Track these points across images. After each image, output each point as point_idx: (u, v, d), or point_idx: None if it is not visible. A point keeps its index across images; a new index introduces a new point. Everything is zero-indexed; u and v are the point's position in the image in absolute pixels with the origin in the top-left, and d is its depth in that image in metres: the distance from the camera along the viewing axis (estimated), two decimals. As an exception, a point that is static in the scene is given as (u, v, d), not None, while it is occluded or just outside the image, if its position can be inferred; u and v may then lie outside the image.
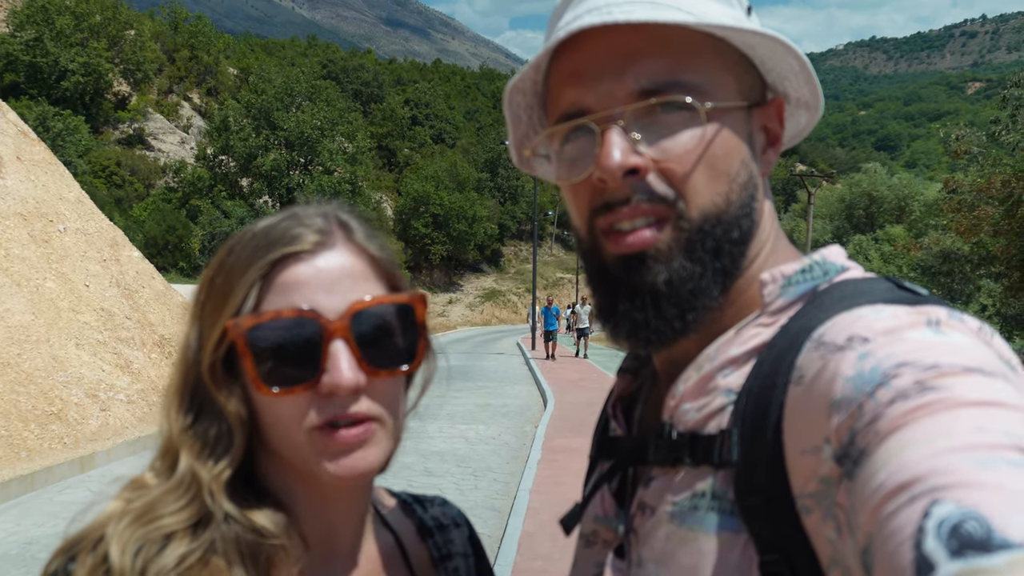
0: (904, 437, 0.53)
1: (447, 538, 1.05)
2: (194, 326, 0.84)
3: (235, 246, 0.83)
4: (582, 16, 0.76)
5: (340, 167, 61.91)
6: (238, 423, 0.81)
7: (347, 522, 0.91)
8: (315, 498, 0.87)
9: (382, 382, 0.82)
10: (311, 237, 0.81)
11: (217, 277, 0.83)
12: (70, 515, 5.40)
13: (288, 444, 0.81)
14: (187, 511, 0.79)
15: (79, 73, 59.37)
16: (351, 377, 0.77)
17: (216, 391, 0.81)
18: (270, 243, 0.81)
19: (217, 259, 0.84)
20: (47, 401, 10.19)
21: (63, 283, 12.12)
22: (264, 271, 0.79)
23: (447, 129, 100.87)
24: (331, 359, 0.78)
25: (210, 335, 0.81)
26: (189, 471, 0.80)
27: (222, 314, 0.80)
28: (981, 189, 19.66)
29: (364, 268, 0.84)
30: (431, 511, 1.07)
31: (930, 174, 63.48)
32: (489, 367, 23.84)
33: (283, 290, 0.79)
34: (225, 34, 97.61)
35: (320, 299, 0.79)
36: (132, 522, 0.78)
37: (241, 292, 0.79)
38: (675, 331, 0.77)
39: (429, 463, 9.63)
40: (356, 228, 0.86)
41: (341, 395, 0.78)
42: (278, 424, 0.80)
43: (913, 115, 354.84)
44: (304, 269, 0.80)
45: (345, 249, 0.83)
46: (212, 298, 0.82)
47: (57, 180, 13.75)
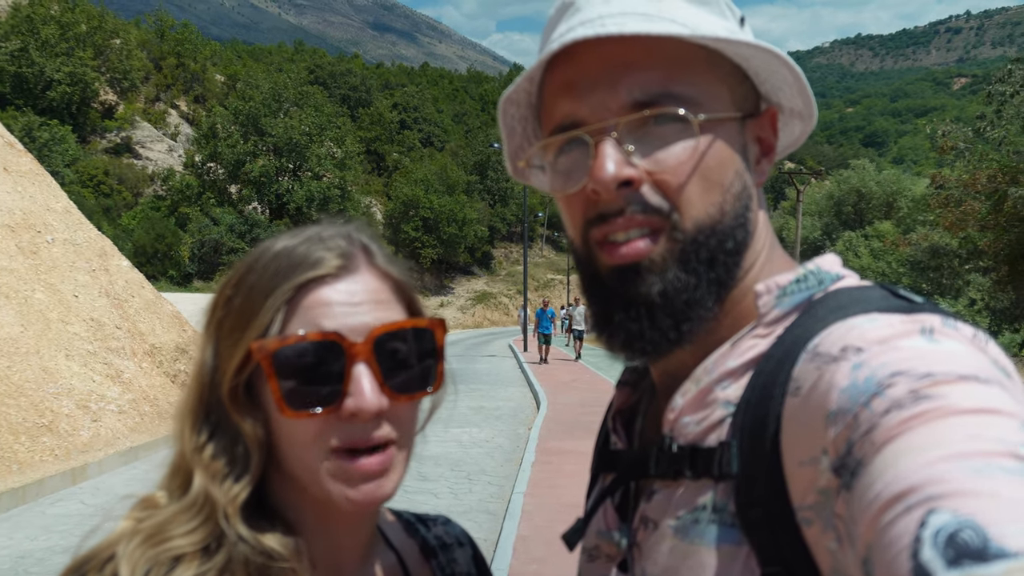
0: (900, 446, 0.53)
1: (451, 558, 1.05)
2: (210, 344, 0.83)
3: (255, 265, 0.83)
4: (576, 28, 0.76)
5: (329, 172, 61.85)
6: (256, 445, 0.80)
7: (353, 544, 0.91)
8: (324, 521, 0.86)
9: (402, 407, 0.82)
10: (334, 261, 0.81)
11: (236, 297, 0.82)
12: (62, 528, 5.37)
13: (304, 468, 0.80)
14: (199, 533, 0.78)
15: (65, 83, 59.20)
16: (374, 401, 0.78)
17: (236, 413, 0.80)
18: (293, 266, 0.81)
19: (234, 277, 0.84)
20: (37, 413, 10.13)
21: (52, 294, 12.06)
22: (289, 295, 0.80)
23: (436, 132, 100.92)
24: (354, 382, 0.78)
25: (231, 356, 0.80)
26: (203, 492, 0.79)
27: (245, 335, 0.79)
28: (967, 184, 19.78)
29: (386, 291, 0.84)
30: (434, 530, 1.07)
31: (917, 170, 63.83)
32: (482, 370, 23.84)
33: (307, 313, 0.79)
34: (212, 41, 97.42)
35: (344, 322, 0.79)
36: (142, 542, 0.77)
37: (267, 315, 0.79)
38: (670, 341, 0.77)
39: (423, 467, 9.62)
40: (377, 251, 0.87)
41: (363, 419, 0.78)
42: (296, 447, 0.80)
43: (900, 111, 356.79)
44: (328, 292, 0.80)
45: (367, 272, 0.84)
46: (231, 318, 0.82)
47: (44, 191, 13.68)
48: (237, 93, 64.71)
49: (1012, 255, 17.93)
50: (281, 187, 59.74)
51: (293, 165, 61.11)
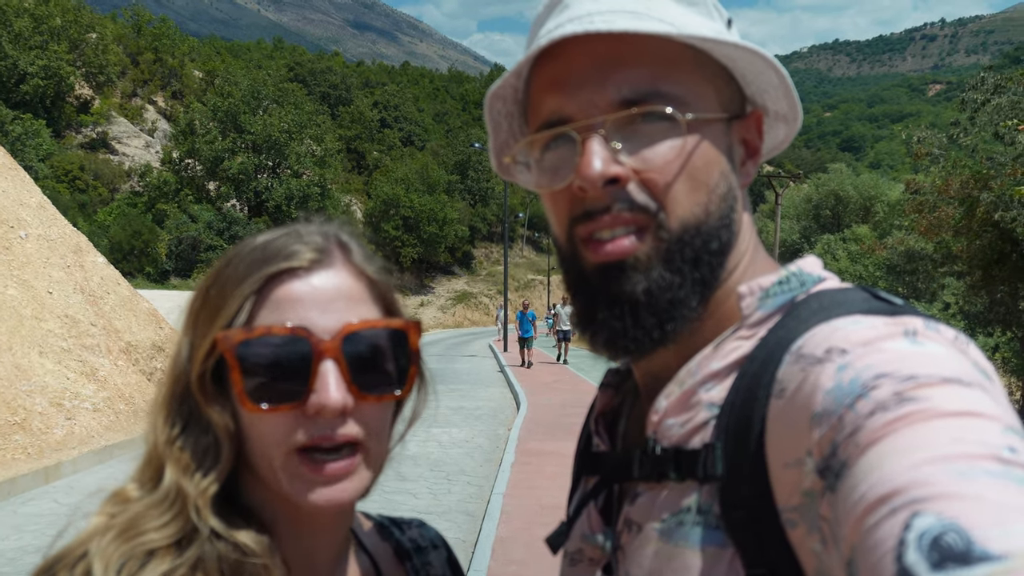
0: (884, 449, 0.54)
1: (425, 560, 1.04)
2: (186, 336, 0.83)
3: (233, 258, 0.83)
4: (564, 24, 0.76)
5: (309, 170, 61.49)
6: (226, 437, 0.79)
7: (327, 546, 0.90)
8: (297, 522, 0.85)
9: (370, 406, 0.80)
10: (308, 254, 0.81)
11: (212, 288, 0.82)
12: (34, 527, 5.27)
13: (267, 465, 0.79)
14: (171, 527, 0.77)
15: (39, 76, 58.45)
16: (338, 398, 0.76)
17: (204, 403, 0.79)
18: (267, 257, 0.80)
19: (214, 270, 0.84)
20: (10, 411, 9.98)
21: (25, 290, 11.89)
22: (258, 285, 0.79)
23: (416, 131, 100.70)
24: (320, 379, 0.76)
25: (200, 345, 0.80)
26: (174, 485, 0.78)
27: (214, 325, 0.79)
28: (940, 190, 20.01)
29: (360, 290, 0.83)
30: (408, 533, 1.07)
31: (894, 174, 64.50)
32: (462, 369, 23.80)
33: (276, 306, 0.78)
34: (189, 37, 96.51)
35: (313, 317, 0.78)
36: (115, 538, 0.76)
37: (234, 305, 0.78)
38: (653, 340, 0.77)
39: (402, 467, 9.24)
40: (355, 249, 0.86)
41: (327, 416, 0.77)
42: (260, 442, 0.79)
43: (876, 116, 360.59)
44: (299, 286, 0.79)
45: (342, 269, 0.83)
46: (205, 308, 0.81)
47: (17, 185, 13.49)
48: (215, 89, 64.24)
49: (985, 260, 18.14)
50: (260, 184, 59.35)
51: (272, 163, 60.72)
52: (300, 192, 58.83)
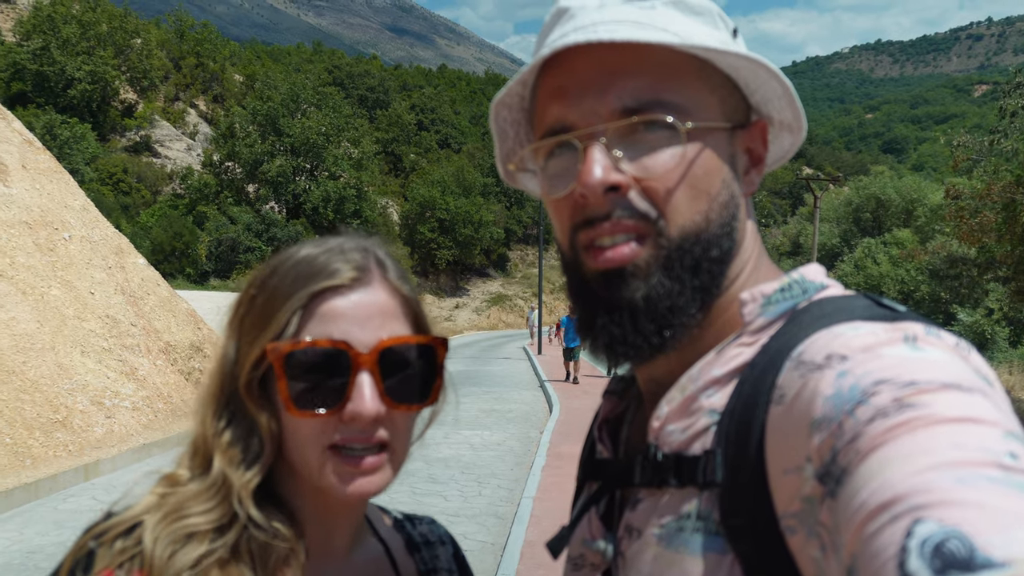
0: (884, 455, 0.53)
1: (433, 554, 1.12)
2: (232, 339, 0.91)
3: (278, 269, 0.90)
4: (569, 34, 0.77)
5: (346, 173, 62.00)
6: (269, 436, 0.88)
7: (344, 533, 0.98)
8: (319, 509, 0.93)
9: (399, 415, 0.88)
10: (349, 272, 0.87)
11: (259, 297, 0.89)
12: (74, 524, 5.39)
13: (305, 461, 0.87)
14: (215, 512, 0.85)
15: (86, 81, 59.71)
16: (373, 407, 0.84)
17: (252, 406, 0.87)
18: (312, 274, 0.87)
19: (259, 278, 0.91)
20: (52, 409, 10.21)
21: (68, 291, 12.16)
22: (305, 301, 0.86)
23: (453, 134, 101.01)
24: (357, 389, 0.84)
25: (249, 353, 0.88)
26: (221, 475, 0.86)
27: (263, 335, 0.87)
28: (981, 196, 19.61)
29: (395, 307, 0.90)
30: (419, 528, 1.15)
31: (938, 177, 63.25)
32: (495, 372, 23.82)
33: (320, 320, 0.86)
34: (231, 41, 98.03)
35: (352, 332, 0.85)
36: (164, 517, 0.84)
37: (283, 318, 0.86)
38: (652, 347, 0.78)
39: (433, 469, 9.59)
40: (391, 267, 0.92)
41: (361, 423, 0.85)
42: (299, 442, 0.87)
43: (920, 118, 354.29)
44: (341, 302, 0.87)
45: (380, 287, 0.89)
46: (252, 316, 0.89)
47: (62, 188, 13.80)
48: (256, 93, 65.02)
49: (1029, 265, 17.77)
50: (298, 187, 59.95)
51: (310, 165, 61.33)
52: (337, 194, 59.35)
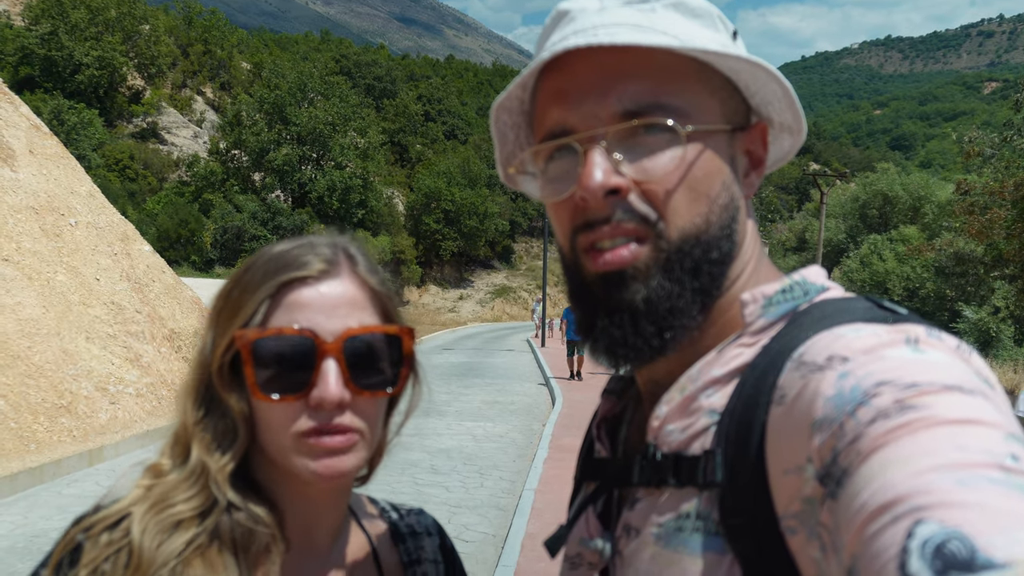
0: (886, 456, 0.54)
1: (418, 544, 1.13)
2: (210, 331, 0.94)
3: (252, 265, 0.94)
4: (568, 37, 0.77)
5: (352, 162, 61.95)
6: (242, 421, 0.90)
7: (325, 522, 1.00)
8: (298, 497, 0.95)
9: (365, 401, 0.91)
10: (318, 265, 0.91)
11: (234, 291, 0.93)
12: (78, 509, 5.38)
13: (276, 447, 0.90)
14: (197, 499, 0.88)
15: (93, 67, 59.63)
16: (337, 392, 0.87)
17: (223, 391, 0.91)
18: (282, 266, 0.91)
19: (236, 274, 0.95)
20: (57, 394, 10.25)
21: (74, 276, 12.18)
22: (273, 290, 0.90)
23: (459, 125, 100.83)
24: (322, 375, 0.87)
25: (221, 341, 0.91)
26: (199, 462, 0.89)
27: (232, 324, 0.90)
28: (993, 192, 19.53)
29: (363, 298, 0.93)
30: (406, 519, 1.16)
31: (945, 174, 63.00)
32: (499, 364, 23.85)
33: (288, 309, 0.89)
34: (239, 29, 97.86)
35: (319, 321, 0.89)
36: (150, 507, 0.87)
37: (251, 307, 0.89)
38: (652, 349, 0.78)
39: (435, 460, 9.62)
40: (360, 261, 0.96)
41: (327, 408, 0.87)
42: (270, 427, 0.90)
43: (928, 115, 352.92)
44: (308, 293, 0.90)
45: (348, 279, 0.93)
46: (227, 308, 0.92)
47: (69, 174, 13.82)
48: (263, 81, 64.96)
49: (1038, 263, 17.69)
50: (304, 176, 59.91)
51: (316, 154, 61.29)
52: (342, 184, 59.33)
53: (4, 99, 13.61)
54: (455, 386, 17.94)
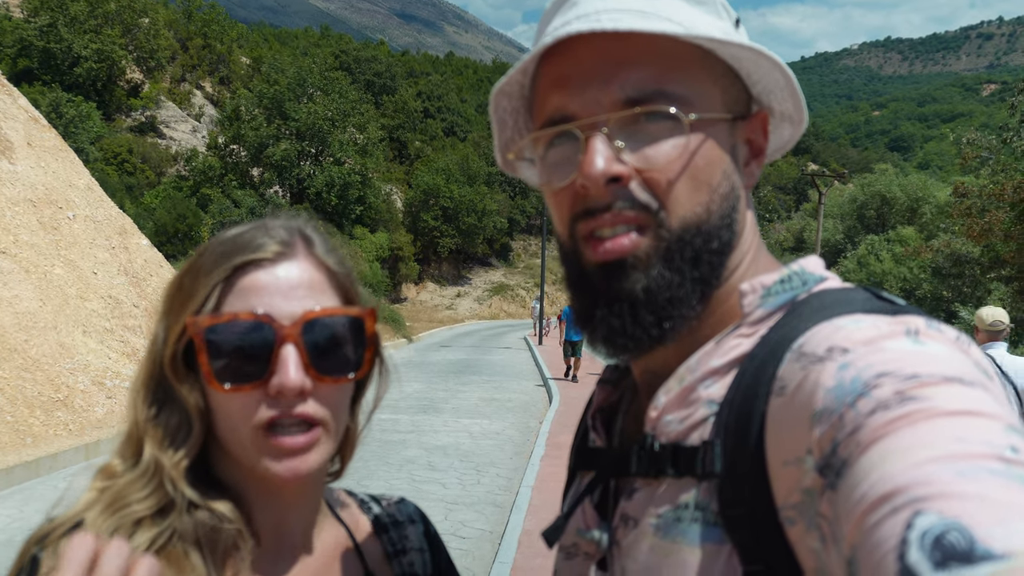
0: (885, 447, 0.54)
1: (402, 534, 1.09)
2: (162, 322, 0.89)
3: (205, 250, 0.89)
4: (571, 22, 0.76)
5: (351, 158, 61.88)
6: (196, 414, 0.86)
7: (297, 517, 0.95)
8: (264, 493, 0.91)
9: (328, 388, 0.87)
10: (273, 247, 0.87)
11: (186, 277, 0.88)
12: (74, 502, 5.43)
13: (235, 441, 0.85)
14: (152, 498, 0.83)
15: (92, 59, 59.49)
16: (297, 380, 0.82)
17: (175, 382, 0.86)
18: (235, 249, 0.87)
19: (189, 260, 0.90)
20: (53, 388, 10.24)
21: (71, 270, 12.17)
22: (226, 274, 0.85)
23: (459, 122, 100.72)
24: (280, 362, 0.82)
25: (173, 330, 0.86)
26: (153, 459, 0.84)
27: (184, 311, 0.85)
28: (992, 194, 19.57)
29: (321, 280, 0.89)
30: (387, 509, 1.12)
31: (943, 176, 63.03)
32: (496, 361, 23.86)
33: (242, 294, 0.85)
34: (238, 23, 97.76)
35: (276, 305, 0.84)
36: (104, 510, 0.83)
37: (203, 292, 0.85)
38: (652, 338, 0.77)
39: (432, 457, 9.61)
40: (318, 242, 0.92)
41: (287, 396, 0.83)
42: (228, 420, 0.85)
43: (927, 116, 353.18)
44: (263, 276, 0.86)
45: (304, 261, 0.89)
46: (179, 295, 0.88)
47: (67, 167, 13.79)
48: (262, 76, 64.82)
49: (1035, 265, 17.74)
50: (302, 171, 59.82)
51: (315, 150, 61.20)
52: (341, 180, 59.25)
53: (3, 91, 13.58)
54: (452, 383, 17.93)
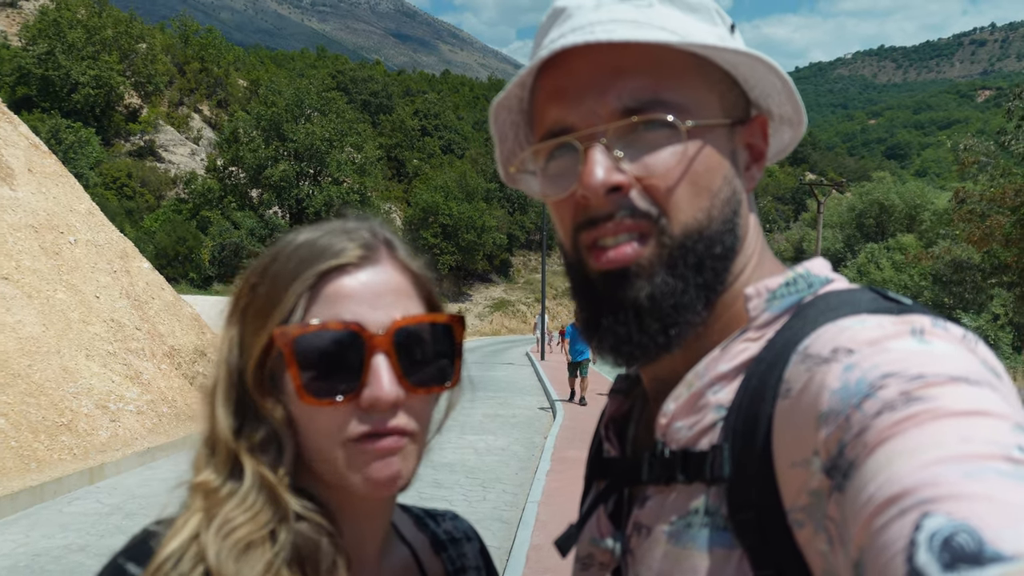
0: (892, 449, 0.53)
1: (460, 552, 1.07)
2: (235, 330, 0.84)
3: (279, 255, 0.84)
4: (566, 35, 0.77)
5: (349, 178, 62.06)
6: (285, 429, 0.81)
7: (373, 536, 0.92)
8: (347, 508, 0.87)
9: (419, 399, 0.82)
10: (357, 251, 0.82)
11: (261, 285, 0.83)
12: (79, 526, 5.36)
13: (323, 456, 0.81)
14: (263, 515, 0.79)
15: (90, 86, 59.89)
16: (391, 392, 0.78)
17: (259, 397, 0.81)
18: (316, 255, 0.82)
19: (260, 265, 0.85)
20: (57, 412, 10.22)
21: (73, 294, 12.17)
22: (312, 282, 0.80)
23: (456, 140, 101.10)
24: (373, 373, 0.78)
25: (255, 342, 0.81)
26: (256, 475, 0.80)
27: (268, 322, 0.80)
28: (993, 199, 19.61)
29: (407, 285, 0.85)
30: (443, 525, 1.10)
31: (941, 183, 63.19)
32: (499, 377, 23.79)
33: (329, 302, 0.80)
34: (235, 46, 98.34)
35: (364, 313, 0.80)
36: (216, 533, 0.78)
37: (289, 302, 0.80)
38: (658, 346, 0.77)
39: (438, 474, 9.61)
40: (398, 245, 0.88)
41: (380, 409, 0.79)
42: (314, 434, 0.81)
43: (923, 123, 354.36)
44: (349, 282, 0.81)
45: (389, 265, 0.84)
46: (255, 304, 0.83)
47: (68, 192, 13.83)
48: (260, 98, 65.14)
49: (1036, 270, 17.75)
50: (301, 192, 60.01)
51: (314, 170, 61.39)
52: (340, 199, 59.38)
53: (3, 118, 13.65)
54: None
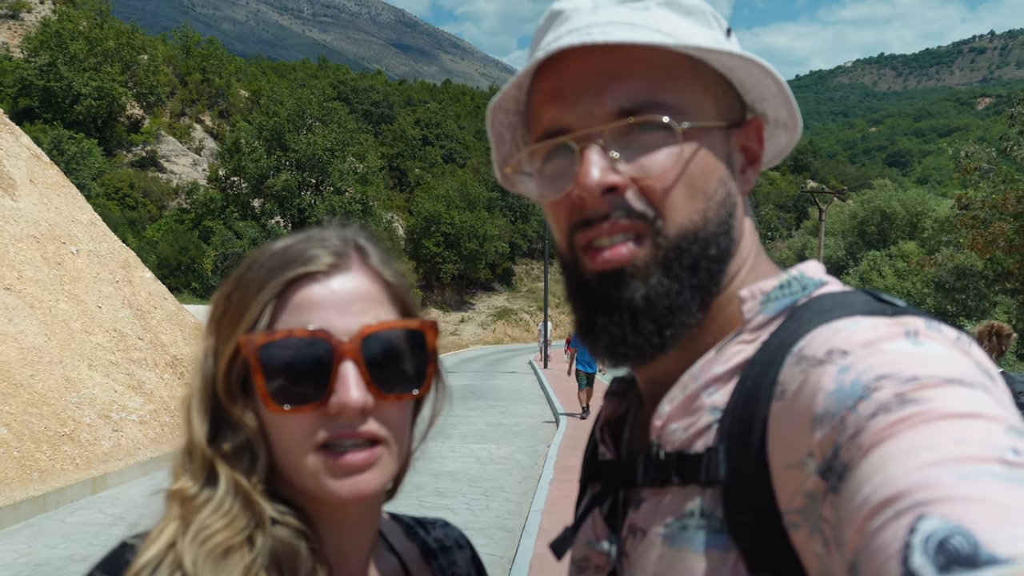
0: (887, 451, 0.53)
1: (451, 560, 1.06)
2: (210, 339, 0.85)
3: (253, 263, 0.84)
4: (563, 36, 0.77)
5: (351, 187, 62.15)
6: (258, 436, 0.81)
7: (356, 545, 0.91)
8: (326, 519, 0.86)
9: (390, 406, 0.82)
10: (327, 259, 0.82)
11: (234, 293, 0.83)
12: (82, 536, 5.36)
13: (294, 463, 0.81)
14: (239, 523, 0.79)
15: (92, 97, 59.97)
16: (359, 398, 0.78)
17: (229, 404, 0.81)
18: (287, 262, 0.82)
19: (235, 275, 0.85)
20: (60, 422, 10.21)
21: (76, 304, 12.18)
22: (279, 290, 0.81)
23: (457, 149, 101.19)
24: (340, 380, 0.78)
25: (224, 350, 0.82)
26: (231, 481, 0.80)
27: (237, 329, 0.81)
28: (995, 205, 19.60)
29: (378, 292, 0.84)
30: (433, 533, 1.08)
31: (942, 190, 63.19)
32: (501, 386, 23.76)
33: (297, 309, 0.80)
34: (236, 57, 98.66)
35: (332, 320, 0.80)
36: (193, 539, 0.78)
37: (256, 309, 0.80)
38: (653, 347, 0.77)
39: (441, 483, 9.58)
40: (372, 252, 0.87)
41: (348, 416, 0.78)
42: (285, 442, 0.81)
43: (923, 131, 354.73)
44: (318, 290, 0.81)
45: (360, 272, 0.84)
46: (228, 313, 0.83)
47: (70, 202, 13.86)
48: (261, 108, 65.30)
49: (1040, 277, 17.72)
50: (303, 201, 60.07)
51: (316, 180, 61.48)
52: (342, 209, 59.39)
53: (5, 130, 13.69)
54: (459, 409, 17.86)
